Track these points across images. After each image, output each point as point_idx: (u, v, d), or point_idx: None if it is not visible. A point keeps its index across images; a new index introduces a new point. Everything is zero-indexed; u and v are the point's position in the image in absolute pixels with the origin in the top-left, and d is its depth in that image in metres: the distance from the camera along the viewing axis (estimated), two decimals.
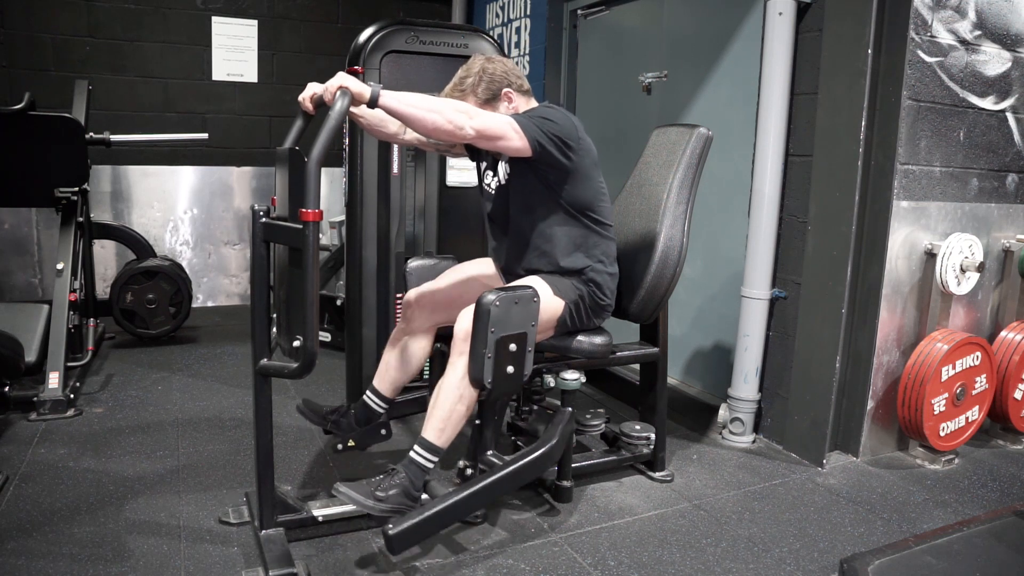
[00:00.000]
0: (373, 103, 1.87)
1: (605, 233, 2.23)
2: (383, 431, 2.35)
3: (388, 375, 2.38)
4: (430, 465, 2.00)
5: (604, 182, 2.23)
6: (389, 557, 1.96)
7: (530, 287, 2.08)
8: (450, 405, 2.00)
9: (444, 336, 2.35)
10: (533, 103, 2.24)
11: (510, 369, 2.01)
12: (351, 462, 2.58)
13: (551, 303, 2.14)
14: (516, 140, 2.00)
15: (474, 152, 2.35)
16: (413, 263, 2.49)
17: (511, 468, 2.05)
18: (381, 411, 2.39)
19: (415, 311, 2.37)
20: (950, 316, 2.78)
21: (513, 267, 2.27)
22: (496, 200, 2.27)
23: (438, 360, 2.44)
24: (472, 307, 2.01)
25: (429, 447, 2.00)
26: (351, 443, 2.34)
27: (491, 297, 1.98)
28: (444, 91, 2.20)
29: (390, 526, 1.82)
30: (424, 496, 2.00)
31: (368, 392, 2.40)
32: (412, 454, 1.99)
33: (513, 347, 2.00)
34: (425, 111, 1.91)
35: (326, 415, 2.39)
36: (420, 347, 2.37)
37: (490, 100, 2.16)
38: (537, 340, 2.17)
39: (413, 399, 2.68)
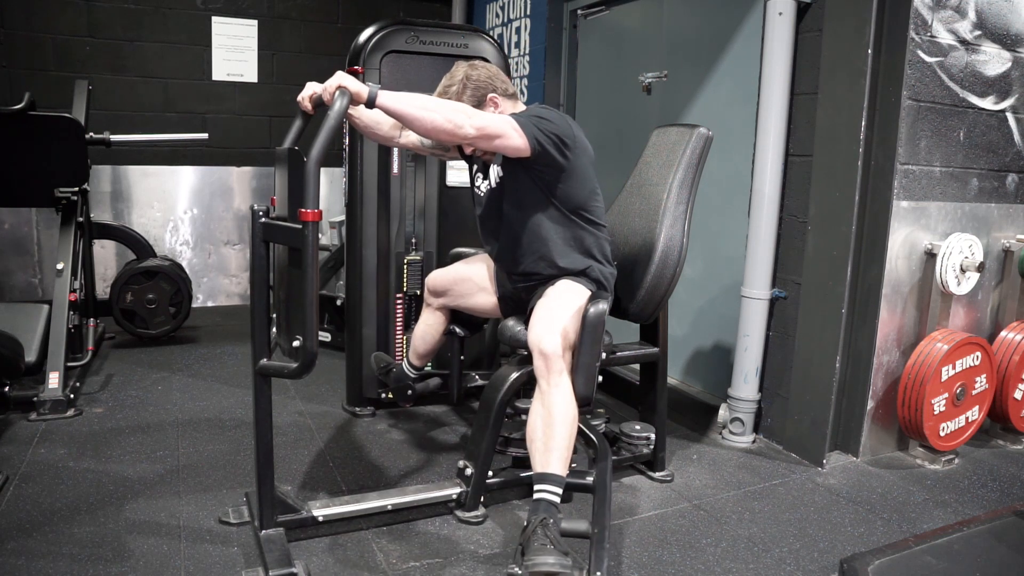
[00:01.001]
0: (371, 103, 1.87)
1: (598, 232, 2.22)
2: (409, 392, 2.62)
3: (414, 347, 2.60)
4: (559, 500, 1.88)
5: (597, 182, 2.23)
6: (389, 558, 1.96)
7: (600, 291, 2.13)
8: (568, 431, 1.92)
9: (457, 318, 2.54)
10: (520, 106, 2.23)
11: (600, 377, 2.01)
12: (351, 462, 2.59)
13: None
14: (516, 139, 2.00)
15: (466, 154, 2.35)
16: (459, 252, 2.67)
17: (608, 477, 2.10)
18: (412, 375, 2.63)
19: (428, 293, 2.54)
20: (950, 316, 2.78)
21: (511, 269, 2.27)
22: (487, 203, 2.26)
23: (455, 341, 2.56)
24: (547, 323, 1.98)
25: (557, 481, 1.89)
26: (390, 394, 2.86)
27: (601, 308, 1.97)
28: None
29: (598, 573, 1.80)
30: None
31: (404, 361, 2.66)
32: (544, 495, 1.86)
33: (605, 355, 1.98)
34: (423, 110, 1.90)
35: (382, 367, 2.74)
36: (436, 324, 2.54)
37: (476, 107, 2.15)
38: None
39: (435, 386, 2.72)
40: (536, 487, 1.89)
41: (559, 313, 2.01)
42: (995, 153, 2.81)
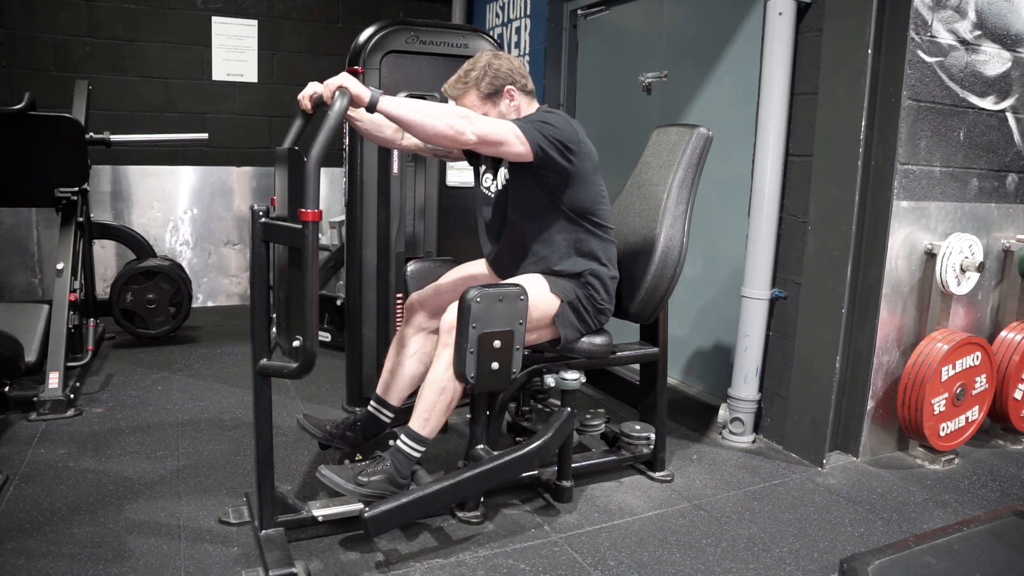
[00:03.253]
0: (372, 107, 1.87)
1: (605, 236, 2.22)
2: (392, 442, 2.09)
3: (391, 381, 2.30)
4: (416, 454, 2.05)
5: (604, 185, 2.23)
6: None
7: (518, 285, 2.07)
8: (433, 396, 2.04)
9: None
10: (535, 105, 2.24)
11: (495, 365, 2.04)
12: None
13: (545, 300, 2.13)
14: (518, 145, 2.00)
15: (472, 155, 2.34)
16: (412, 265, 2.50)
17: (497, 462, 2.08)
18: (388, 420, 2.31)
19: (416, 315, 2.35)
20: (950, 316, 2.78)
21: (510, 271, 2.27)
22: (495, 204, 2.26)
23: None
24: (458, 302, 2.03)
25: (414, 436, 2.05)
26: (359, 458, 2.26)
27: (473, 293, 2.00)
28: (448, 82, 2.20)
29: (367, 509, 1.88)
30: (413, 486, 2.03)
31: (372, 402, 2.32)
32: (398, 442, 2.05)
33: (497, 344, 2.02)
34: (425, 116, 1.90)
35: (330, 431, 2.30)
36: (427, 351, 2.29)
37: (492, 95, 2.16)
38: (537, 339, 2.17)
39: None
40: (399, 438, 2.06)
41: None
42: (995, 153, 2.81)
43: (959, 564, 1.86)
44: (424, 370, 2.22)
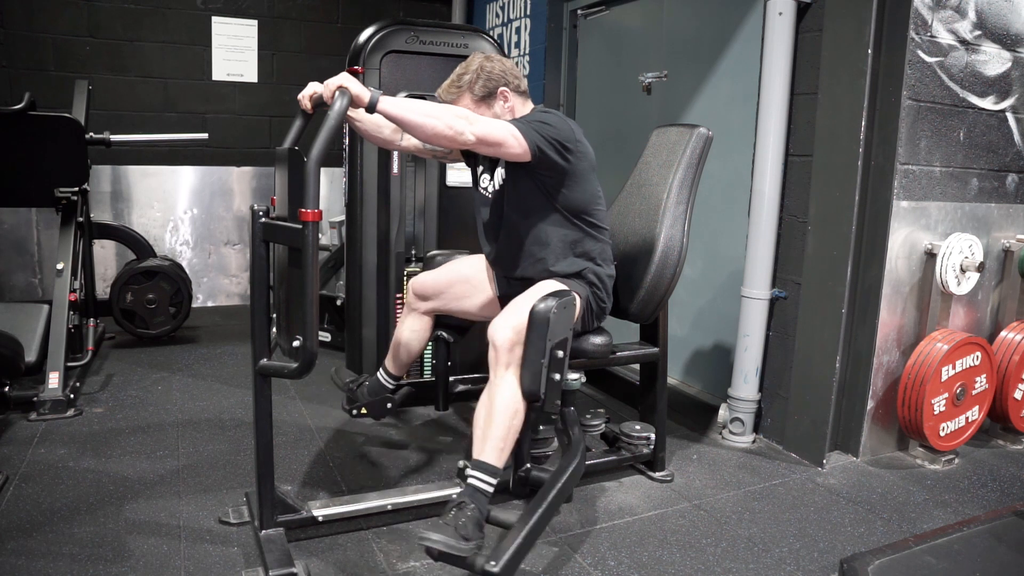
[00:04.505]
0: (372, 107, 1.87)
1: (600, 236, 2.22)
2: (388, 405, 2.50)
3: (395, 355, 2.51)
4: (491, 489, 1.88)
5: (600, 186, 2.23)
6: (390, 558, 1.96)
7: (568, 290, 2.06)
8: (506, 422, 1.92)
9: (444, 323, 2.49)
10: (529, 105, 2.24)
11: (556, 376, 1.98)
12: (351, 462, 2.59)
13: (578, 305, 2.14)
14: (516, 146, 2.00)
15: (469, 156, 2.35)
16: (439, 256, 2.60)
17: (565, 477, 2.03)
18: (390, 387, 2.54)
19: (414, 298, 2.47)
20: (950, 316, 2.78)
21: (508, 272, 2.27)
22: (492, 204, 2.26)
23: (441, 346, 2.51)
24: (508, 316, 1.98)
25: (489, 470, 1.88)
26: (363, 411, 2.52)
27: (549, 304, 1.94)
28: (441, 87, 2.20)
29: (492, 563, 1.71)
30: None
31: (380, 370, 2.55)
32: (474, 480, 1.87)
33: (560, 353, 1.97)
34: (424, 116, 1.90)
35: (350, 382, 2.60)
36: (421, 330, 2.47)
37: (486, 98, 2.16)
38: None
39: (412, 392, 2.68)
40: (468, 472, 1.90)
41: (522, 308, 2.00)
42: (995, 153, 2.81)
43: (959, 564, 1.86)
44: (420, 347, 2.48)
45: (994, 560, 1.92)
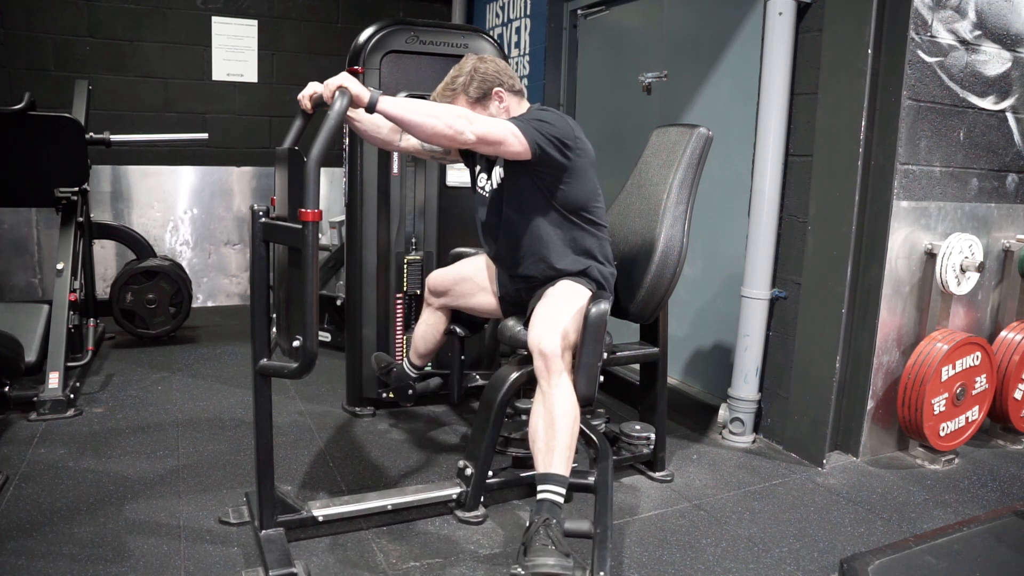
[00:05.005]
0: (371, 107, 1.87)
1: (599, 234, 2.22)
2: (410, 391, 2.64)
3: (415, 347, 2.60)
4: (563, 500, 1.89)
5: (598, 184, 2.23)
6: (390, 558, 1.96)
7: (604, 291, 2.13)
8: (570, 428, 1.92)
9: (457, 318, 2.54)
10: (525, 104, 2.24)
11: (601, 378, 1.99)
12: (351, 462, 2.59)
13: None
14: (516, 145, 2.00)
15: (467, 156, 2.35)
16: (459, 253, 2.68)
17: (610, 479, 2.11)
18: (412, 375, 2.64)
19: (429, 293, 2.55)
20: (950, 316, 2.78)
21: (510, 271, 2.28)
22: (490, 203, 2.26)
23: (454, 341, 2.55)
24: (547, 324, 1.99)
25: (561, 481, 1.89)
26: (391, 394, 2.80)
27: (602, 308, 1.96)
28: (436, 90, 2.21)
29: (601, 573, 1.80)
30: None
31: (405, 360, 2.67)
32: (547, 495, 1.87)
33: (606, 355, 1.98)
34: (424, 116, 1.91)
35: (382, 367, 2.71)
36: (436, 324, 2.54)
37: (481, 99, 2.15)
38: None
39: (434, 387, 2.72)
40: (539, 487, 1.90)
41: (559, 313, 2.01)
42: (995, 153, 2.81)
43: (959, 564, 1.86)
44: (438, 339, 2.55)
45: (994, 560, 1.92)
